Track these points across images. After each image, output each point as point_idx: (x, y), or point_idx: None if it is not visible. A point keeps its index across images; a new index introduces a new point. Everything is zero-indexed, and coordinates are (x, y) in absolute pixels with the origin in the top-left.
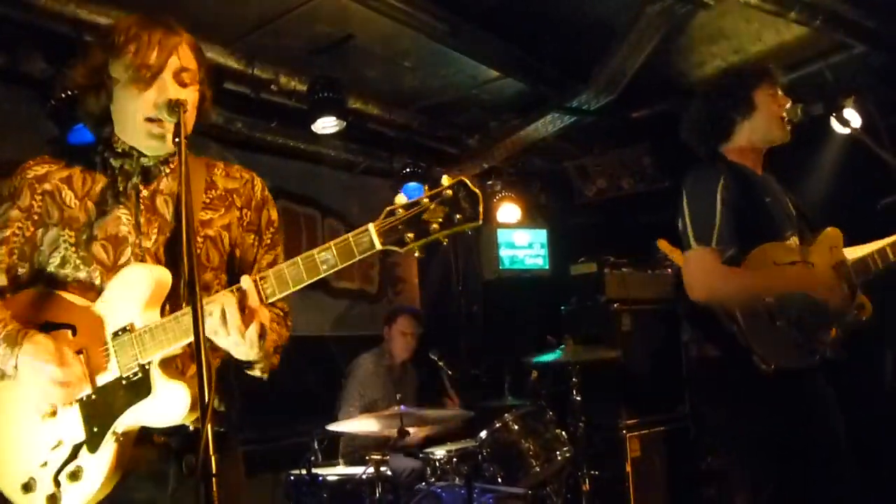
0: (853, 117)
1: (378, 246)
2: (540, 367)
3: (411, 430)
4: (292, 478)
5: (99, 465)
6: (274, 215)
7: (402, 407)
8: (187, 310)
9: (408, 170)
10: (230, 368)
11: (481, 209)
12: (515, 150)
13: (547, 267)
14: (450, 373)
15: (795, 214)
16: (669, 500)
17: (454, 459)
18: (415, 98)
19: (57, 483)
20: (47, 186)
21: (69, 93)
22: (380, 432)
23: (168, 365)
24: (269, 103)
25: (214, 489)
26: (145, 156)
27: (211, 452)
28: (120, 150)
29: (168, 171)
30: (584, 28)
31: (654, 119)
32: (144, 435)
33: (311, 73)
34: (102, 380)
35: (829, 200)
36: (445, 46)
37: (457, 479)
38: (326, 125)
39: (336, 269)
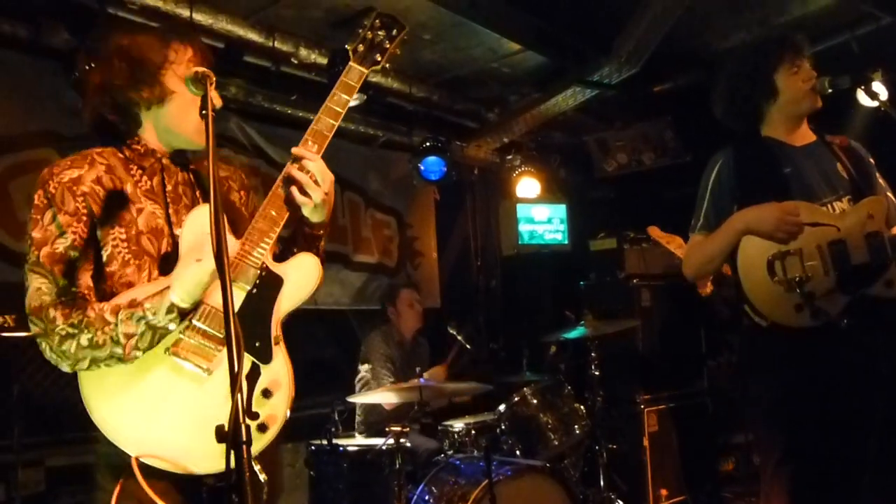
0: (881, 90)
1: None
2: (559, 342)
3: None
4: (313, 447)
5: (280, 368)
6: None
7: (422, 380)
8: (265, 206)
9: (427, 144)
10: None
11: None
12: (535, 125)
13: (566, 242)
14: (467, 347)
15: (848, 180)
16: (686, 475)
17: (473, 432)
18: (434, 72)
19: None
20: (84, 188)
21: (92, 65)
22: (400, 403)
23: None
24: (289, 76)
25: (246, 457)
26: (164, 156)
27: (242, 421)
28: (143, 152)
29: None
30: None
31: (676, 92)
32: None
33: (332, 46)
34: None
35: None
36: (465, 18)
37: (475, 451)
38: None
39: (347, 104)
